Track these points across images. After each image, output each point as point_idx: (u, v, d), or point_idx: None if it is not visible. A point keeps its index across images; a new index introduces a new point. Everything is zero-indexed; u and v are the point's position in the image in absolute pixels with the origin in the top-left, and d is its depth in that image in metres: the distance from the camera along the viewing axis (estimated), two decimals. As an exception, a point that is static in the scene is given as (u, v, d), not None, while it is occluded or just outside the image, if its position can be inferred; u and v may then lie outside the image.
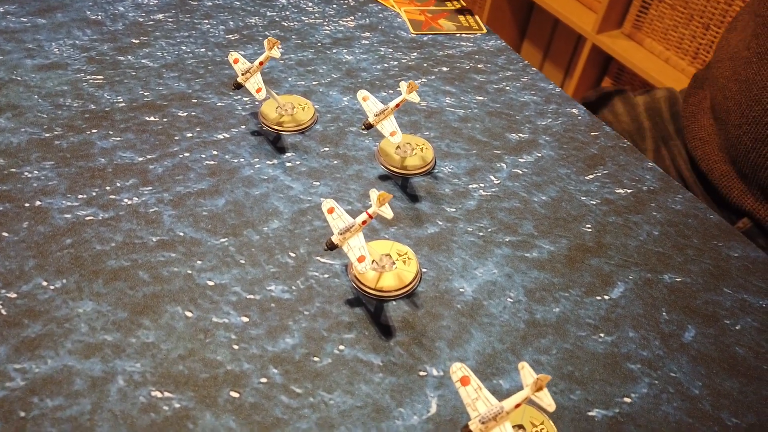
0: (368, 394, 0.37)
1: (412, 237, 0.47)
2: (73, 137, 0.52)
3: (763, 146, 0.59)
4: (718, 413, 0.38)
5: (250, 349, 0.39)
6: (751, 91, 0.60)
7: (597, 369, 0.40)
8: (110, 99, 0.56)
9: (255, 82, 0.51)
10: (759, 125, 0.59)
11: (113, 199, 0.47)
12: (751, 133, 0.59)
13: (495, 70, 0.66)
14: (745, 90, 0.60)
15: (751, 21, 0.63)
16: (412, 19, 0.74)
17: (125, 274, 0.42)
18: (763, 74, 0.58)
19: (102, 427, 0.34)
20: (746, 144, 0.60)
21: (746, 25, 0.64)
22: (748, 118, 0.60)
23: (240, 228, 0.46)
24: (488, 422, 0.32)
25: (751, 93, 0.59)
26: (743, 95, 0.61)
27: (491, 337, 0.41)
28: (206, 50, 0.64)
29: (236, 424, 0.35)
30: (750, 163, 0.60)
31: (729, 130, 0.63)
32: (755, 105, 0.59)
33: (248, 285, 0.42)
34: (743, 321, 0.44)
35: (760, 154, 0.59)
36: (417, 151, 0.53)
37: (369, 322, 0.41)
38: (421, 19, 0.74)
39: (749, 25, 0.63)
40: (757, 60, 0.60)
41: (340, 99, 0.59)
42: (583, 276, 0.46)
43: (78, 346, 0.38)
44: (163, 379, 0.37)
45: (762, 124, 0.58)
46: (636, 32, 1.42)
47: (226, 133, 0.54)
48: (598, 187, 0.53)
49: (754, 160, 0.59)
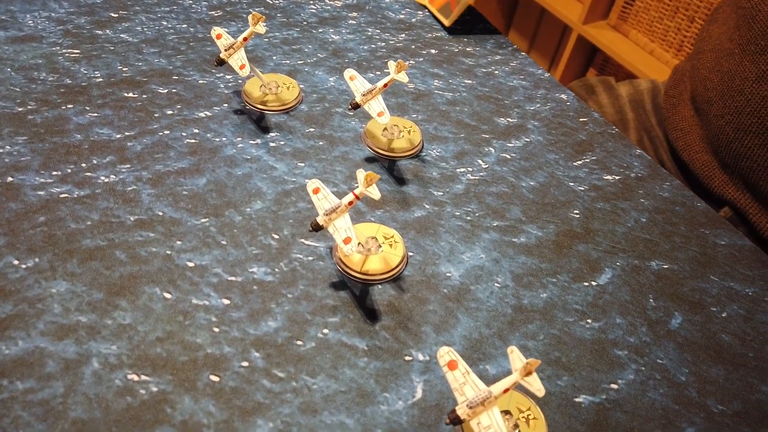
0: (352, 379, 0.36)
1: (398, 220, 0.46)
2: (48, 112, 0.50)
3: (745, 136, 0.59)
4: (704, 400, 0.38)
5: (231, 332, 0.38)
6: (733, 81, 0.60)
7: (584, 355, 0.40)
8: (87, 74, 0.54)
9: (239, 58, 0.50)
10: (741, 115, 0.59)
11: (89, 177, 0.45)
12: (733, 123, 0.60)
13: (484, 54, 0.65)
14: (727, 81, 0.60)
15: (733, 13, 0.63)
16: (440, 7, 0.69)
17: (101, 253, 0.41)
18: (745, 66, 0.58)
19: (75, 411, 0.33)
20: (728, 134, 0.60)
21: (728, 18, 0.64)
22: (730, 109, 0.60)
23: (221, 208, 0.45)
24: (476, 407, 0.31)
25: (734, 84, 0.59)
26: (725, 86, 0.61)
27: (478, 322, 0.40)
28: (188, 26, 0.62)
29: (216, 409, 0.34)
30: (732, 153, 0.60)
31: (711, 120, 0.63)
32: (737, 95, 0.59)
33: (229, 267, 0.41)
34: (729, 308, 0.44)
35: (742, 144, 0.59)
36: (404, 133, 0.52)
37: (354, 306, 0.40)
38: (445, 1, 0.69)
39: (731, 17, 0.63)
40: (739, 51, 0.59)
41: (326, 79, 0.58)
42: (570, 262, 0.45)
43: (51, 328, 0.36)
44: (140, 362, 0.35)
45: (744, 114, 0.58)
46: (622, 24, 1.42)
47: (208, 111, 0.52)
48: (586, 173, 0.53)
49: (736, 149, 0.60)
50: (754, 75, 0.58)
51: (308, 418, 0.34)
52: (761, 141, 0.58)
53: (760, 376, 0.40)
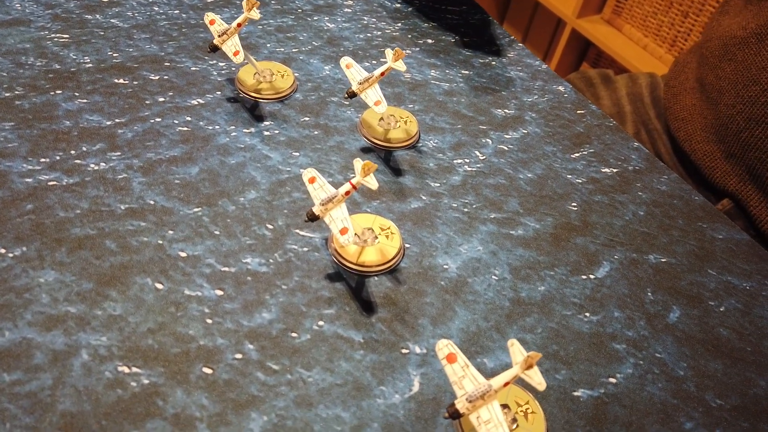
0: (348, 372, 0.36)
1: (395, 211, 0.45)
2: (36, 98, 0.48)
3: (756, 126, 0.59)
4: (703, 394, 0.38)
5: (224, 323, 0.37)
6: (749, 71, 0.59)
7: (582, 349, 0.39)
8: (76, 59, 0.53)
9: (232, 44, 0.49)
10: (755, 106, 0.59)
11: (79, 164, 0.44)
12: (745, 113, 0.59)
13: (480, 45, 0.64)
14: (742, 70, 0.60)
15: (748, 4, 0.63)
16: None
17: (91, 242, 0.40)
18: (762, 54, 0.58)
19: (64, 404, 0.32)
20: (739, 123, 0.60)
21: (741, 9, 0.64)
22: (743, 98, 0.60)
23: (215, 198, 0.44)
24: (476, 401, 0.30)
25: (750, 73, 0.59)
26: (739, 75, 0.61)
27: (475, 315, 0.40)
28: (180, 12, 0.60)
29: (209, 402, 0.33)
30: (741, 143, 0.60)
31: (720, 110, 0.62)
32: (752, 85, 0.59)
33: (223, 257, 0.40)
34: (727, 303, 0.43)
35: (752, 134, 0.59)
36: (401, 123, 0.51)
37: (350, 298, 0.39)
38: None
39: (746, 8, 0.63)
40: (756, 41, 0.59)
41: (321, 68, 0.57)
42: (568, 255, 0.45)
43: (39, 318, 0.35)
44: (131, 354, 0.35)
45: (758, 105, 0.58)
46: (615, 18, 1.41)
47: (200, 99, 0.51)
48: (584, 165, 0.52)
49: (746, 139, 0.59)
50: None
51: (303, 412, 0.34)
52: None
53: (758, 370, 0.40)
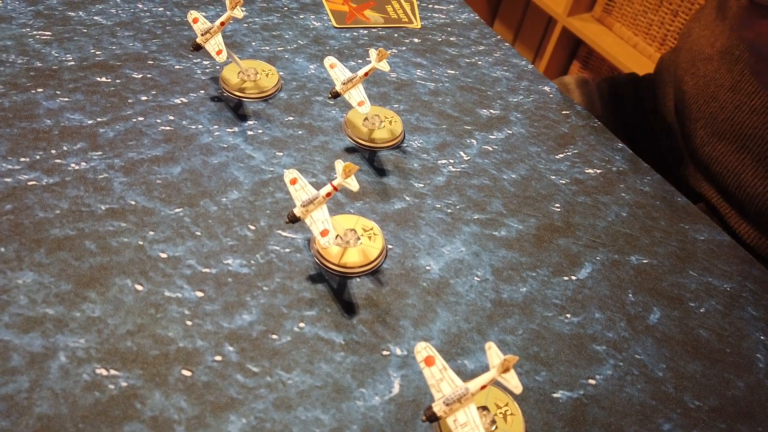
0: (329, 374, 0.36)
1: (378, 212, 0.45)
2: (16, 96, 0.48)
3: (718, 141, 0.59)
4: (681, 395, 0.38)
5: (204, 325, 0.37)
6: (708, 87, 0.60)
7: (563, 350, 0.39)
8: (58, 57, 0.52)
9: (215, 43, 0.48)
10: (715, 121, 0.59)
11: (59, 164, 0.44)
12: (707, 128, 0.60)
13: (467, 44, 0.64)
14: (702, 86, 0.61)
15: (719, 22, 0.63)
16: (334, 10, 0.64)
17: (70, 243, 0.39)
18: (721, 73, 0.59)
19: (41, 406, 0.32)
20: (702, 137, 0.60)
21: (711, 21, 0.64)
22: (704, 113, 0.60)
23: (196, 198, 0.44)
24: (453, 404, 0.30)
25: (709, 90, 0.60)
26: (700, 90, 0.61)
27: (457, 317, 0.40)
28: (164, 9, 0.60)
29: (188, 404, 0.33)
30: (705, 156, 0.60)
31: (685, 122, 0.63)
32: (712, 102, 0.59)
33: (204, 258, 0.40)
34: (708, 304, 0.44)
35: (714, 149, 0.59)
36: (385, 123, 0.51)
37: (331, 299, 0.39)
38: (345, 10, 0.64)
39: (715, 23, 0.63)
40: (718, 58, 0.59)
41: (307, 66, 0.57)
42: (550, 256, 0.45)
43: (16, 320, 0.35)
44: (110, 356, 0.34)
45: (718, 121, 0.59)
46: (606, 16, 1.41)
47: (183, 98, 0.51)
48: (567, 166, 0.52)
49: (709, 153, 0.60)
50: (729, 83, 0.58)
51: (282, 414, 0.34)
52: (734, 147, 0.58)
53: (736, 371, 0.40)
